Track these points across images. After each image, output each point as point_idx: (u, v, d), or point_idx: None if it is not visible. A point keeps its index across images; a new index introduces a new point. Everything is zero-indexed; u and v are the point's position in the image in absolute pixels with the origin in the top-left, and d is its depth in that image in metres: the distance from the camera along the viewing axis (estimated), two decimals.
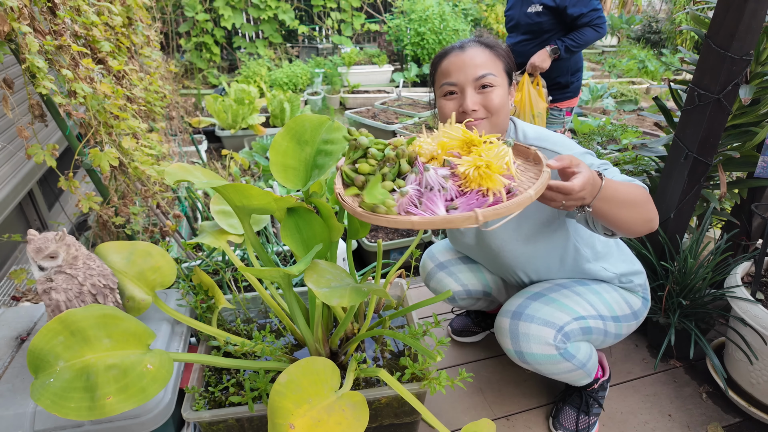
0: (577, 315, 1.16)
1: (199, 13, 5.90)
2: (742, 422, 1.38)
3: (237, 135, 4.08)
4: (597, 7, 2.30)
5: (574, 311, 1.16)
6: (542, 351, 1.12)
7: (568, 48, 2.34)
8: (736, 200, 1.64)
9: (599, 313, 1.19)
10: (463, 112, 1.08)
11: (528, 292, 1.22)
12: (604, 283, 1.25)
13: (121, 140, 1.47)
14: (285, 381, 0.83)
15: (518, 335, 1.14)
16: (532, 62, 2.38)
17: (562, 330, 1.12)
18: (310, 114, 1.07)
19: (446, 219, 0.69)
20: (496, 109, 1.08)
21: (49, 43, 1.25)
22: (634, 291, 1.28)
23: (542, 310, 1.14)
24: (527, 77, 2.39)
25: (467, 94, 1.07)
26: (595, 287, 1.23)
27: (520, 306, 1.17)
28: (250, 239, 1.04)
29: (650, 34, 7.83)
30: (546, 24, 2.36)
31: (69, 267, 0.97)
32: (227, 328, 1.33)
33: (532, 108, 2.35)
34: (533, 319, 1.13)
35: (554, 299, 1.17)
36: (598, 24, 2.31)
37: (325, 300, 0.79)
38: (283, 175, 1.07)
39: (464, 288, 1.43)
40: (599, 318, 1.19)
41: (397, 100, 5.05)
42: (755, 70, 1.44)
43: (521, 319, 1.15)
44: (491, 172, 0.76)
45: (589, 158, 1.08)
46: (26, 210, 2.30)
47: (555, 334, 1.12)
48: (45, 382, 0.75)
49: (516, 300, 1.21)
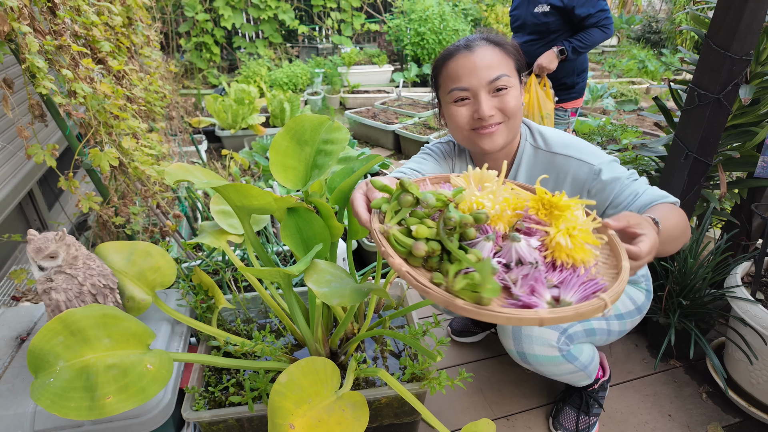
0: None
1: (199, 13, 5.89)
2: (742, 422, 1.38)
3: (237, 135, 4.08)
4: (604, 7, 2.30)
5: None
6: (545, 353, 1.12)
7: (575, 49, 2.34)
8: (736, 200, 1.64)
9: (617, 316, 1.19)
10: (478, 119, 1.03)
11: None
12: None
13: (121, 140, 1.47)
14: (285, 381, 0.83)
15: (521, 336, 1.13)
16: (539, 63, 2.38)
17: (565, 332, 1.12)
18: (310, 114, 1.07)
19: (577, 312, 0.56)
20: (513, 112, 1.04)
21: (49, 43, 1.25)
22: (638, 283, 1.26)
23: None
24: (534, 78, 2.39)
25: (482, 99, 1.01)
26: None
27: None
28: (250, 239, 1.04)
29: (650, 34, 7.82)
30: (553, 24, 2.35)
31: (69, 267, 0.97)
32: (227, 328, 1.32)
33: (540, 109, 2.34)
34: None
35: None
36: (605, 25, 2.31)
37: (325, 300, 0.79)
38: (283, 175, 1.07)
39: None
40: (603, 319, 1.18)
41: (397, 100, 5.05)
42: (755, 70, 1.44)
43: None
44: (584, 241, 0.64)
45: (618, 168, 1.04)
46: (26, 210, 2.30)
47: (558, 336, 1.11)
48: (45, 382, 0.75)
49: None
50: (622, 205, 1.01)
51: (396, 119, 4.40)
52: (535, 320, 0.55)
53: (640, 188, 1.01)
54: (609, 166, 1.05)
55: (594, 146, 1.10)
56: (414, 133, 4.00)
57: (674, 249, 0.92)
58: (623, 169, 1.05)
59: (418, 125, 4.21)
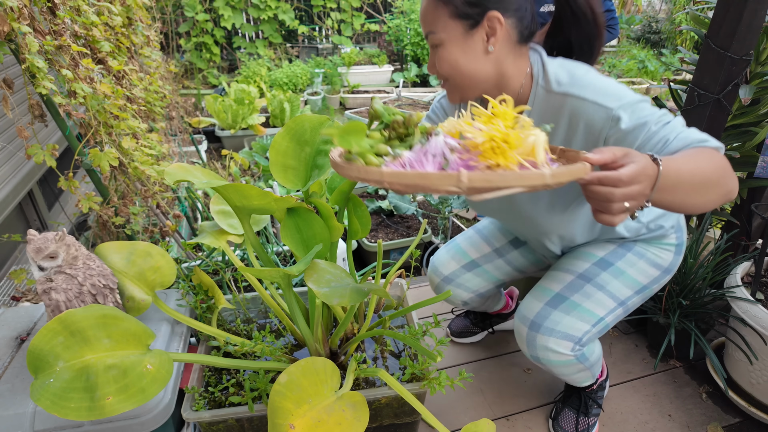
0: (597, 319, 1.10)
1: (199, 14, 5.89)
2: (742, 422, 1.38)
3: (237, 135, 4.08)
4: (611, 8, 2.30)
5: (595, 316, 1.10)
6: (559, 359, 1.11)
7: None
8: (735, 200, 1.64)
9: (621, 300, 1.13)
10: None
11: (546, 292, 1.14)
12: (630, 253, 1.14)
13: (121, 140, 1.47)
14: (285, 381, 0.83)
15: (536, 346, 1.12)
16: None
17: (580, 341, 1.10)
18: (309, 114, 1.07)
19: (421, 175, 0.58)
20: (447, 73, 0.93)
21: (49, 43, 1.25)
22: (665, 238, 1.14)
23: (562, 322, 1.09)
24: None
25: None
26: (620, 265, 1.13)
27: (538, 316, 1.12)
28: (250, 239, 1.04)
29: (650, 34, 7.82)
30: None
31: (69, 267, 0.97)
32: (227, 328, 1.32)
33: None
34: (552, 332, 1.09)
35: (575, 304, 1.10)
36: (611, 25, 2.31)
37: (325, 300, 0.79)
38: (282, 175, 1.07)
39: (476, 293, 1.41)
40: (620, 306, 1.13)
41: (397, 100, 5.05)
42: (755, 70, 1.44)
43: (539, 331, 1.10)
44: (507, 147, 0.63)
45: (645, 110, 0.85)
46: (26, 210, 2.30)
47: (573, 346, 1.10)
48: (45, 383, 0.75)
49: (534, 305, 1.14)
50: None
51: None
52: (376, 173, 0.60)
53: (672, 133, 0.82)
54: (632, 108, 0.85)
55: (620, 85, 0.89)
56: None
57: (700, 203, 0.76)
58: (652, 111, 0.85)
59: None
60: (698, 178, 0.74)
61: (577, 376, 1.20)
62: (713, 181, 0.76)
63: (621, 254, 1.15)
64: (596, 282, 1.13)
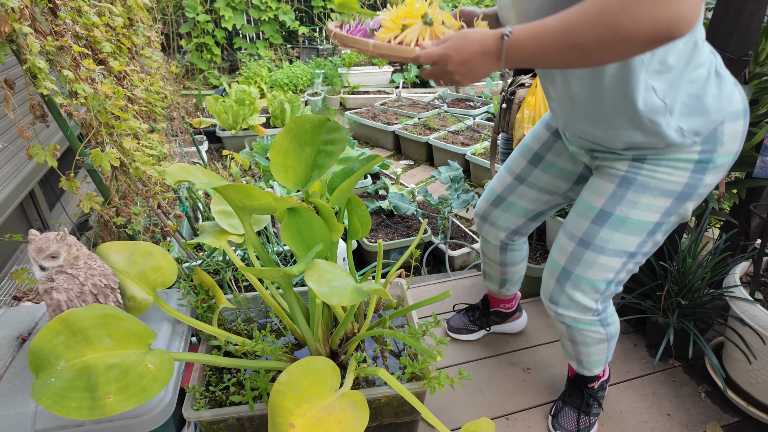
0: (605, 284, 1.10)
1: (200, 14, 5.90)
2: (740, 422, 1.39)
3: (238, 135, 4.09)
4: None
5: (602, 282, 1.09)
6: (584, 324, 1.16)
7: None
8: (734, 200, 1.64)
9: (631, 252, 1.06)
10: None
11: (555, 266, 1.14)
12: (630, 189, 1.02)
13: (122, 141, 1.47)
14: (285, 380, 0.83)
15: (561, 317, 1.17)
16: None
17: (597, 308, 1.14)
18: (310, 114, 1.07)
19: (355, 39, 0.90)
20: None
21: (50, 43, 1.26)
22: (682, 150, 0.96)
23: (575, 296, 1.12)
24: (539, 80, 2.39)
25: None
26: (620, 212, 1.03)
27: (554, 292, 1.16)
28: (251, 239, 1.04)
29: None
30: None
31: (70, 267, 0.97)
32: (228, 328, 1.33)
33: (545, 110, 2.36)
34: (569, 307, 1.15)
35: (580, 278, 1.09)
36: None
37: (325, 299, 0.79)
38: (283, 175, 1.08)
39: (508, 231, 1.41)
40: (630, 258, 1.07)
41: (397, 101, 5.06)
42: (754, 70, 1.44)
43: (559, 306, 1.16)
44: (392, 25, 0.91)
45: None
46: (27, 210, 2.31)
47: (594, 310, 1.14)
48: (46, 382, 0.76)
49: (549, 281, 1.17)
50: None
51: (396, 120, 4.40)
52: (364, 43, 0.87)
53: None
54: None
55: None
56: (414, 133, 4.01)
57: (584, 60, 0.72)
58: None
59: (418, 126, 4.22)
60: (566, 40, 0.71)
61: (596, 349, 1.22)
62: (586, 33, 0.69)
63: (620, 196, 1.03)
64: (595, 245, 1.06)
